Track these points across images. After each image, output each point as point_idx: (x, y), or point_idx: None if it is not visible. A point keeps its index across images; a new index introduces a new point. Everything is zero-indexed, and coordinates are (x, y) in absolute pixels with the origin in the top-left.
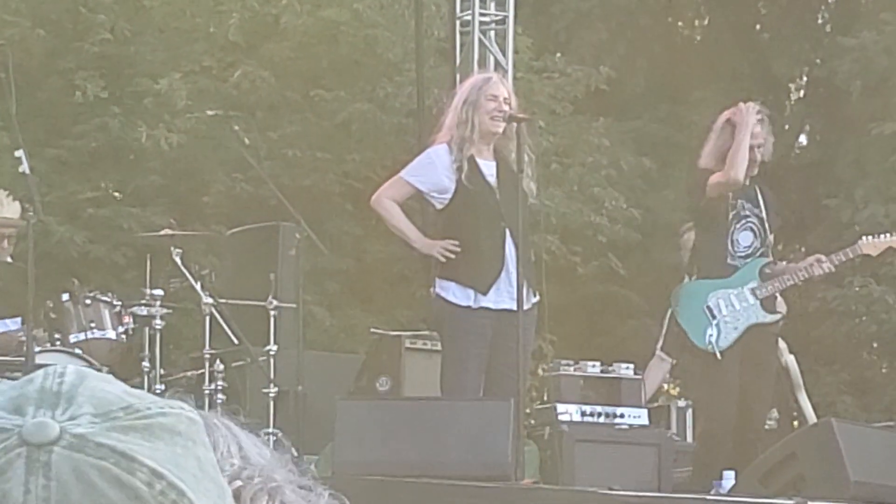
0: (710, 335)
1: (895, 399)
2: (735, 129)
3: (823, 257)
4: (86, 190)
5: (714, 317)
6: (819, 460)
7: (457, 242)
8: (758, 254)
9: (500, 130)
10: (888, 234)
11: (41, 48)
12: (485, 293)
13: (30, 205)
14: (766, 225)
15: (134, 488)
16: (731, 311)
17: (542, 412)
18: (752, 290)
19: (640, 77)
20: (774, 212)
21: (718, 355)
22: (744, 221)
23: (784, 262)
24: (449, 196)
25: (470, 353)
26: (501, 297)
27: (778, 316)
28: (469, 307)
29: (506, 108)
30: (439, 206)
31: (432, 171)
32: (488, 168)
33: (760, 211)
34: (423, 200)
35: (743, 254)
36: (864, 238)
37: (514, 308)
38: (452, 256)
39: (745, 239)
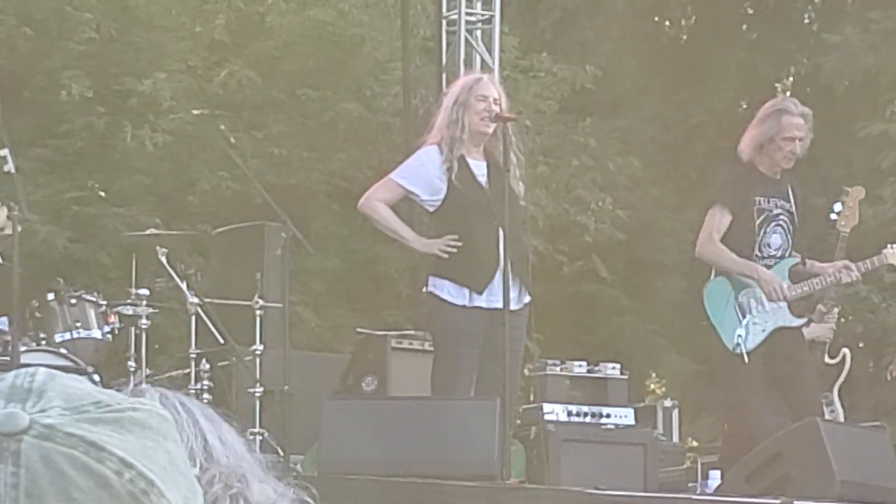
0: (739, 336)
1: (881, 399)
2: (781, 120)
3: (851, 264)
4: (71, 189)
5: (744, 316)
6: (805, 460)
7: (456, 236)
8: (787, 254)
9: (490, 131)
10: None
11: (27, 47)
12: (480, 292)
13: (15, 204)
14: (796, 218)
15: (103, 476)
16: (760, 311)
17: (528, 412)
18: None
19: (626, 76)
20: (801, 202)
21: (745, 358)
22: (773, 224)
23: (812, 262)
24: (441, 197)
25: (462, 352)
26: (495, 296)
27: (804, 320)
28: (463, 306)
29: (496, 108)
30: (431, 209)
31: (423, 172)
32: (479, 168)
33: (791, 205)
34: (410, 205)
35: (773, 255)
36: (889, 247)
37: (508, 308)
38: (454, 251)
39: (774, 241)
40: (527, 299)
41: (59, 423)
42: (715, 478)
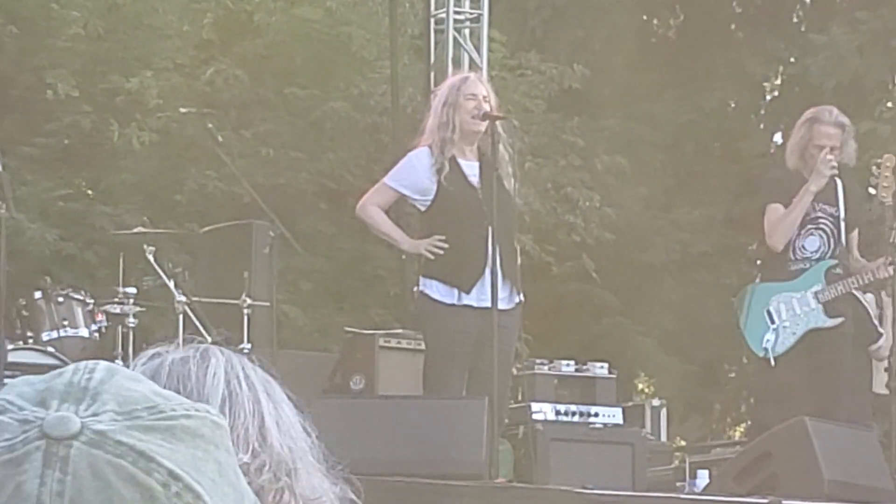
0: (768, 341)
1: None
2: (812, 128)
3: (888, 259)
4: (58, 188)
5: (773, 322)
6: (793, 459)
7: (444, 237)
8: (826, 256)
9: (482, 129)
10: None
11: (13, 45)
12: (468, 291)
13: (2, 202)
14: (843, 223)
15: (149, 488)
16: (791, 315)
17: (516, 411)
18: (815, 294)
19: (614, 75)
20: (857, 205)
21: (773, 362)
22: (811, 226)
23: (858, 261)
24: (431, 198)
25: (454, 350)
26: (485, 295)
27: (840, 320)
28: (453, 305)
29: (485, 106)
30: (422, 209)
31: (414, 175)
32: (471, 168)
33: (837, 209)
34: (400, 206)
35: (808, 258)
36: None
37: (499, 307)
38: (441, 252)
39: (811, 244)
40: (518, 299)
41: (110, 429)
42: (703, 477)
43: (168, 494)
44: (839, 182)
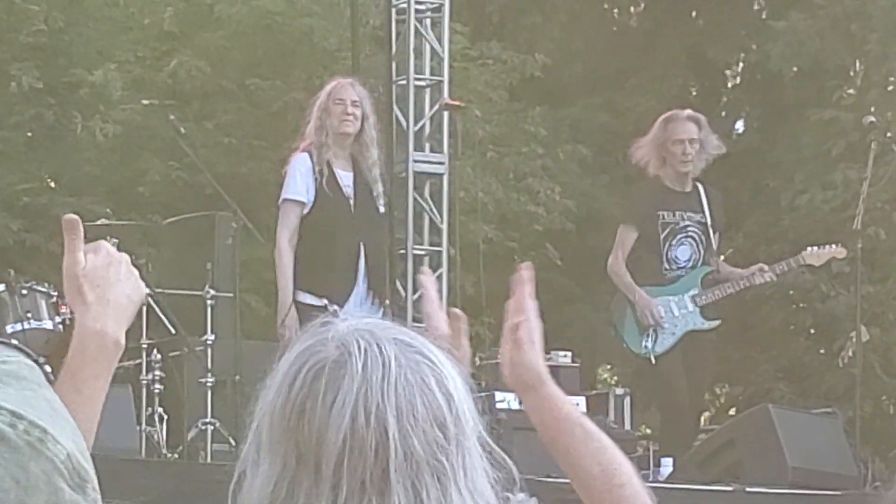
0: (646, 343)
1: (832, 385)
2: (667, 127)
3: (766, 267)
4: (22, 181)
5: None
6: (757, 446)
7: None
8: (698, 264)
9: (350, 130)
10: (832, 246)
11: None
12: (341, 306)
13: None
14: (710, 228)
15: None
16: (669, 317)
17: (479, 400)
18: (693, 298)
19: (575, 63)
20: (719, 210)
21: (653, 360)
22: (681, 236)
23: (727, 268)
24: (310, 205)
25: None
26: (361, 308)
27: (716, 323)
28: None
29: (354, 110)
30: (305, 214)
31: (301, 180)
32: (345, 179)
33: (703, 215)
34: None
35: (682, 267)
36: (808, 249)
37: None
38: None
39: (682, 254)
40: (381, 312)
41: None
42: (667, 465)
43: (17, 433)
44: (701, 188)
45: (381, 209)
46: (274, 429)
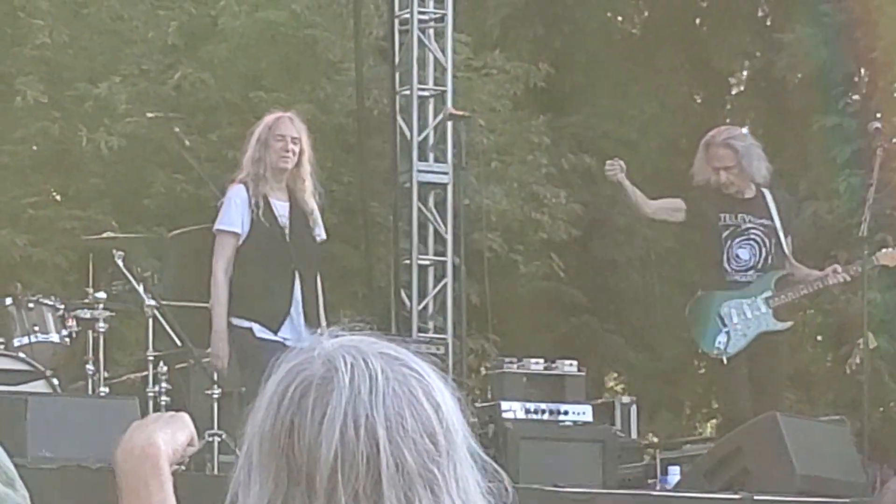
0: (720, 342)
1: (840, 393)
2: (707, 151)
3: (839, 268)
4: (27, 194)
5: (725, 325)
6: (764, 454)
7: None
8: (759, 266)
9: (288, 166)
10: None
11: None
12: (276, 332)
13: None
14: (780, 231)
15: None
16: (742, 319)
17: (485, 410)
18: (766, 300)
19: (578, 72)
20: (789, 213)
21: (725, 360)
22: (741, 238)
23: (802, 270)
24: (245, 235)
25: None
26: (297, 333)
27: (789, 323)
28: (269, 340)
29: (293, 147)
30: (239, 243)
31: (236, 211)
32: (281, 209)
33: (769, 219)
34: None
35: (742, 268)
36: (883, 249)
37: None
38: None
39: (744, 254)
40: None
41: None
42: (674, 473)
43: None
44: (767, 192)
45: (320, 238)
46: (264, 449)
